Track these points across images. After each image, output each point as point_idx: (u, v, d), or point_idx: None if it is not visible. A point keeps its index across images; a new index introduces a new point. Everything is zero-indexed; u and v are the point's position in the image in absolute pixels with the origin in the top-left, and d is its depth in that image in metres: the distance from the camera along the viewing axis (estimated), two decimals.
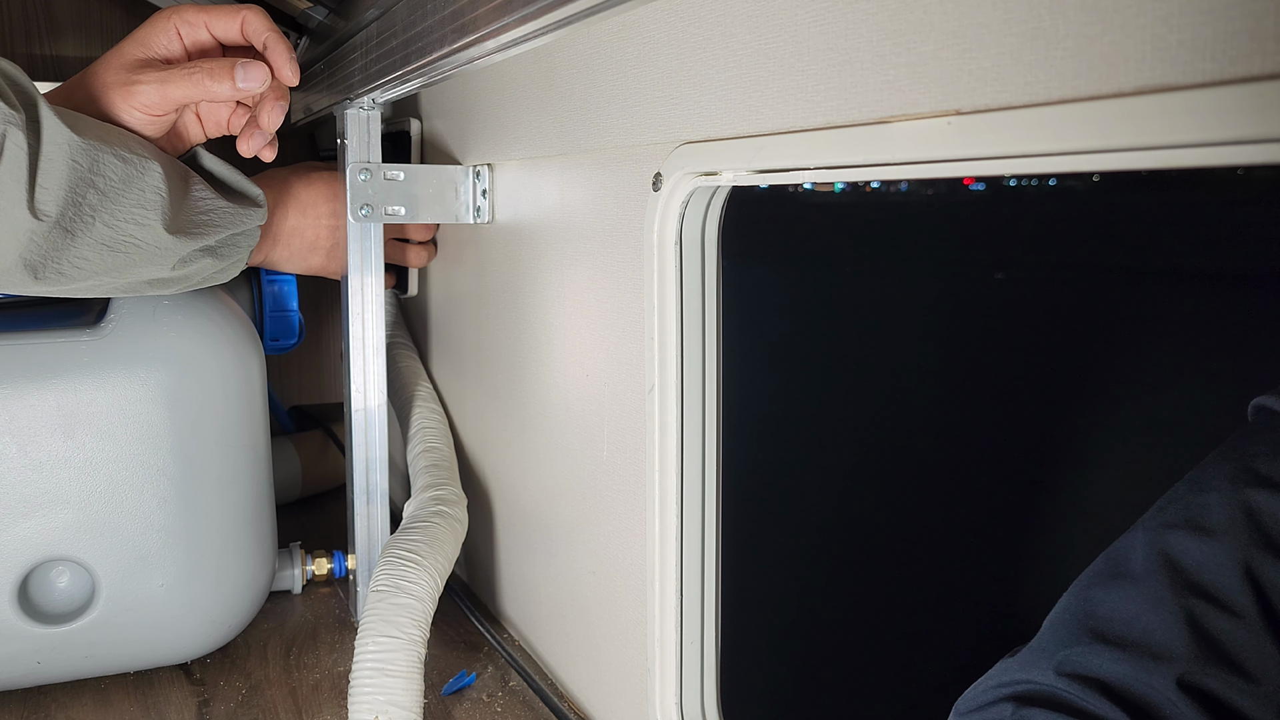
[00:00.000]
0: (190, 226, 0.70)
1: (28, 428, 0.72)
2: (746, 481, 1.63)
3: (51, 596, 0.76)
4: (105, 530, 0.75)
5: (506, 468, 0.86)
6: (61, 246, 0.63)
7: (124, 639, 0.77)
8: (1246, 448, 0.43)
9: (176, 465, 0.76)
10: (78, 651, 0.76)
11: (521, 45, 0.52)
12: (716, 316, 0.58)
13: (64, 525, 0.73)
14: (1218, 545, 0.40)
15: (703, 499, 0.59)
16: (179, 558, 0.77)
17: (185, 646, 0.81)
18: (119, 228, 0.65)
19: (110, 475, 0.74)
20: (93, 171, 0.63)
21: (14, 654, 0.74)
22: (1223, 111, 0.26)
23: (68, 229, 0.63)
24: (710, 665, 0.61)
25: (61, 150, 0.61)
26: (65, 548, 0.74)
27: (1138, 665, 0.39)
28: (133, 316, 0.76)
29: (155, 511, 0.76)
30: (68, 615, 0.76)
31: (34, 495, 0.73)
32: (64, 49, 1.20)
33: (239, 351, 0.80)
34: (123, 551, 0.75)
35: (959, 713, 0.44)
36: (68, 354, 0.73)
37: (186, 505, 0.77)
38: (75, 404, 0.73)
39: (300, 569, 0.96)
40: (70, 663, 0.77)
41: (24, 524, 0.73)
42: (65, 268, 0.65)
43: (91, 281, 0.67)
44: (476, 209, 0.85)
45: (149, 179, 0.66)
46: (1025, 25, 0.33)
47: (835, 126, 0.42)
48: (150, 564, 0.76)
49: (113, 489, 0.74)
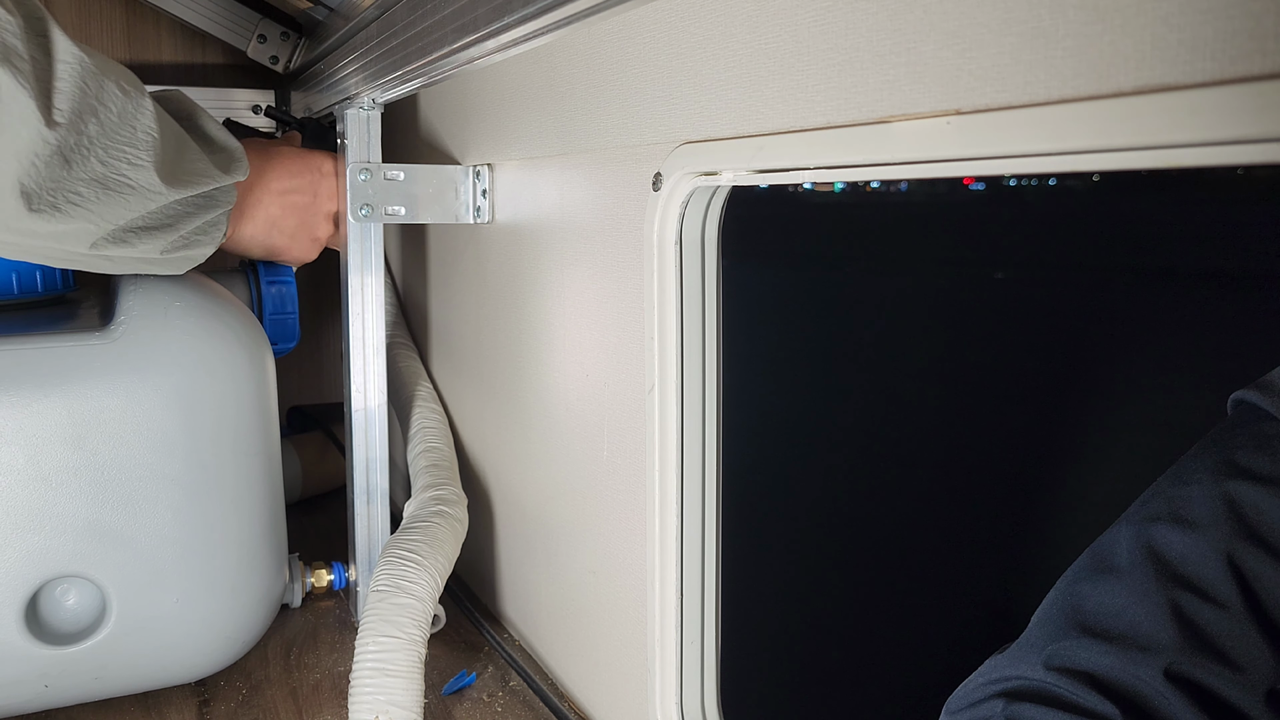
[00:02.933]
0: (181, 174, 0.69)
1: (35, 437, 0.68)
2: (746, 481, 1.64)
3: (60, 615, 0.71)
4: (116, 544, 0.71)
5: (506, 468, 0.86)
6: (59, 176, 0.63)
7: (135, 659, 0.73)
8: (1227, 440, 0.44)
9: (190, 473, 0.73)
10: (87, 674, 0.72)
11: (521, 45, 0.53)
12: (716, 316, 0.58)
13: (73, 539, 0.69)
14: (1201, 537, 0.41)
15: (703, 499, 0.59)
16: (193, 571, 0.73)
17: (198, 665, 0.77)
18: (112, 165, 0.65)
19: (121, 485, 0.70)
20: (98, 99, 0.63)
21: (20, 677, 0.70)
22: (1223, 111, 0.26)
23: (66, 158, 0.62)
24: (710, 665, 0.61)
25: (73, 69, 0.61)
26: (74, 563, 0.70)
27: (1125, 657, 0.39)
28: (143, 319, 0.72)
29: (169, 523, 0.72)
30: (77, 635, 0.72)
31: (42, 508, 0.69)
32: None
33: (252, 353, 0.76)
34: (135, 566, 0.71)
35: (950, 711, 0.44)
36: (76, 358, 0.70)
37: (201, 515, 0.73)
38: (85, 411, 0.69)
39: (299, 582, 0.92)
40: (79, 686, 0.73)
41: (31, 539, 0.69)
42: (59, 201, 0.63)
43: (82, 223, 0.65)
44: (476, 209, 0.85)
45: (142, 119, 0.66)
46: (1025, 25, 0.33)
47: (835, 126, 0.42)
48: (164, 578, 0.72)
49: (124, 500, 0.71)
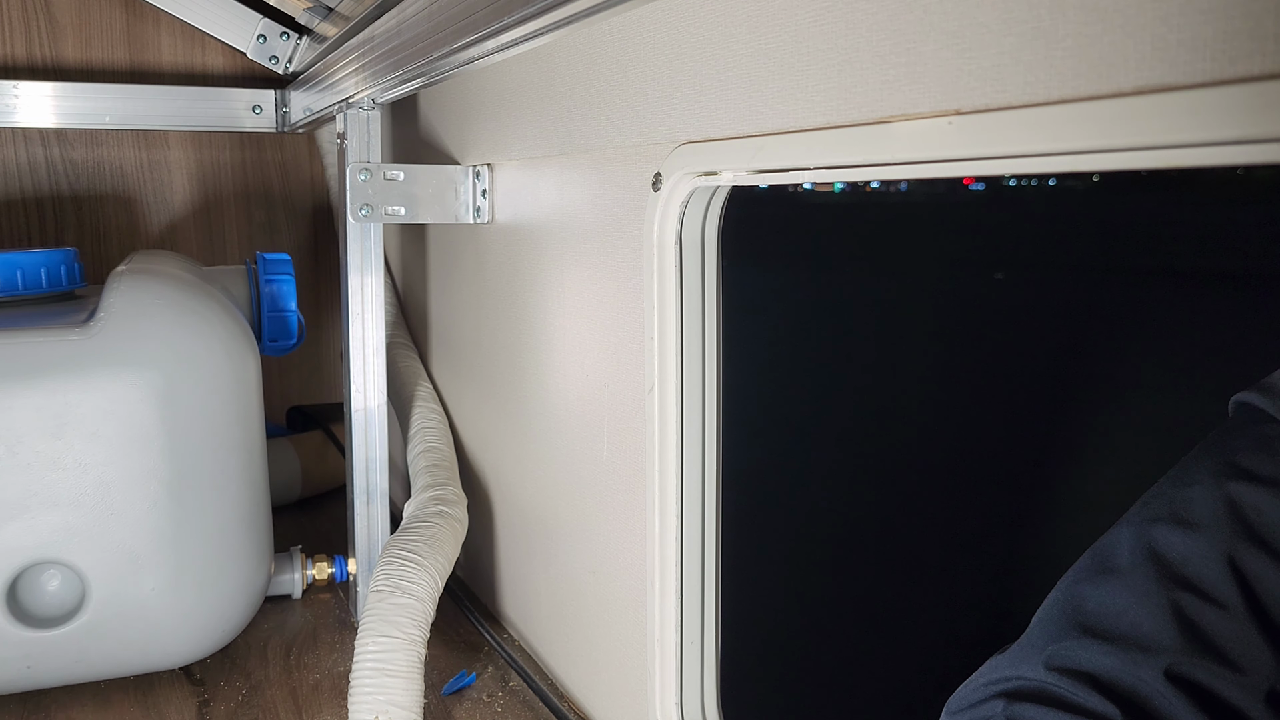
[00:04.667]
0: None
1: (15, 428, 0.71)
2: (746, 481, 1.63)
3: (41, 600, 0.74)
4: (95, 533, 0.73)
5: (506, 468, 0.86)
6: None
7: (115, 643, 0.76)
8: (1228, 442, 0.44)
9: (168, 467, 0.75)
10: (68, 656, 0.75)
11: (521, 45, 0.53)
12: (716, 316, 0.58)
13: (53, 528, 0.72)
14: (1202, 538, 0.40)
15: (703, 499, 0.59)
16: (170, 561, 0.76)
17: (178, 651, 0.80)
18: None
19: (100, 477, 0.73)
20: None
21: (3, 658, 0.73)
22: (1223, 111, 0.26)
23: None
24: (710, 665, 0.61)
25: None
26: (54, 550, 0.73)
27: (1126, 658, 0.39)
28: (123, 315, 0.75)
29: (146, 514, 0.74)
30: (57, 619, 0.74)
31: (22, 497, 0.71)
32: (64, 49, 1.20)
33: (232, 350, 0.78)
34: (112, 554, 0.74)
35: (950, 711, 0.44)
36: (56, 353, 0.72)
37: (178, 507, 0.75)
38: (64, 404, 0.72)
39: (300, 573, 0.95)
40: (61, 667, 0.76)
41: (12, 526, 0.71)
42: None
43: None
44: (476, 209, 0.85)
45: None
46: (1025, 25, 0.33)
47: (835, 126, 0.42)
48: (140, 567, 0.75)
49: (102, 491, 0.73)
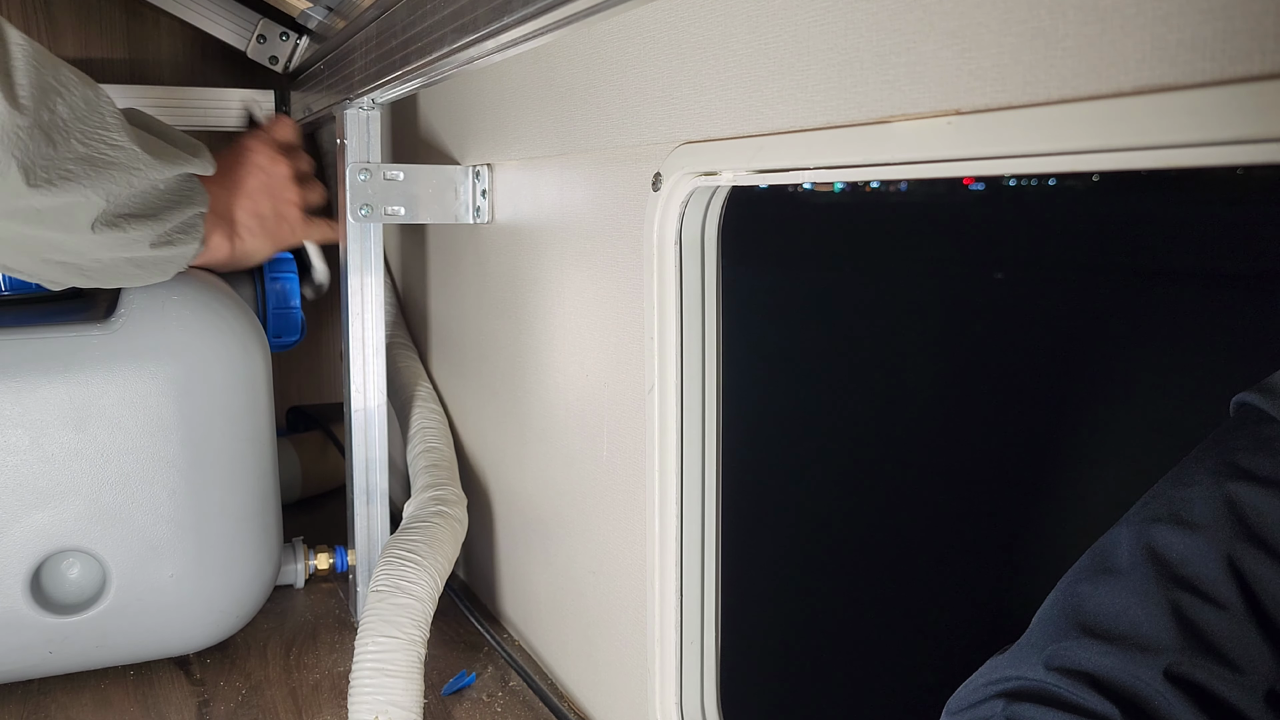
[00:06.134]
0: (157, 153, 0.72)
1: (40, 420, 0.73)
2: (746, 481, 1.63)
3: (63, 587, 0.77)
4: (116, 521, 0.76)
5: (506, 468, 0.86)
6: (48, 154, 0.64)
7: (134, 629, 0.79)
8: (1228, 442, 0.44)
9: (185, 457, 0.77)
10: (89, 642, 0.77)
11: (521, 45, 0.53)
12: (716, 316, 0.58)
13: (75, 516, 0.75)
14: (1201, 538, 0.40)
15: (703, 499, 0.59)
16: (188, 548, 0.78)
17: (193, 637, 0.82)
18: (93, 145, 0.67)
19: (121, 467, 0.75)
20: (56, 80, 0.65)
21: (27, 644, 0.75)
22: (1222, 111, 0.26)
23: (49, 136, 0.64)
24: (710, 665, 0.61)
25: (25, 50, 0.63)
26: (77, 538, 0.75)
27: (1126, 658, 0.39)
28: (142, 311, 0.77)
29: (165, 502, 0.77)
30: (79, 605, 0.77)
31: (46, 487, 0.74)
32: (64, 49, 1.20)
33: (245, 346, 0.81)
34: (133, 542, 0.76)
35: (950, 711, 0.44)
36: (79, 348, 0.75)
37: (195, 496, 0.78)
38: (86, 397, 0.74)
39: (303, 563, 0.98)
40: (81, 653, 0.78)
41: (36, 515, 0.74)
42: (53, 177, 0.65)
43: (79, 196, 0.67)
44: (476, 209, 0.85)
45: (105, 104, 0.68)
46: (1025, 25, 0.33)
47: (835, 126, 0.42)
48: (160, 554, 0.77)
49: (123, 480, 0.76)
